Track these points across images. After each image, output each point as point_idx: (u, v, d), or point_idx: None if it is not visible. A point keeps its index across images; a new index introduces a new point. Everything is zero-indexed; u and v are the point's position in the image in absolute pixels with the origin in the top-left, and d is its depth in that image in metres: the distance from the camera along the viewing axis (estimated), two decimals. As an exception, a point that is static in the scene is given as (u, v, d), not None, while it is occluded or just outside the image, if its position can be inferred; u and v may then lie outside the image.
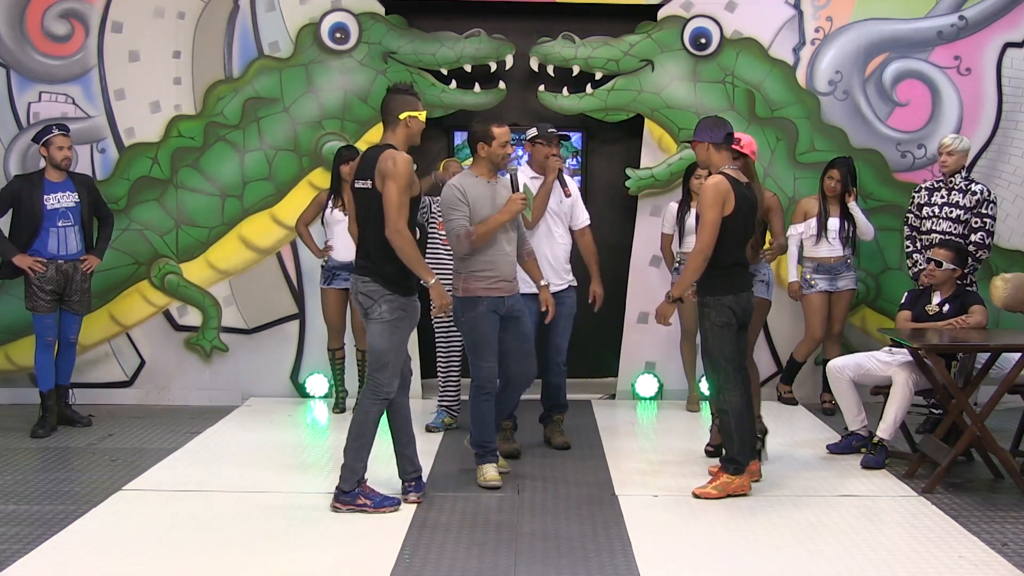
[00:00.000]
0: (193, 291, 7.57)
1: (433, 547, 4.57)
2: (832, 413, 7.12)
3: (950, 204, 6.72)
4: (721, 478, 5.29)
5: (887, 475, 5.70)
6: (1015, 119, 7.61)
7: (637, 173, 7.60)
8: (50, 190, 6.60)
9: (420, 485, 5.24)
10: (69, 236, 6.63)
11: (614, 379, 7.86)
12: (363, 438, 5.01)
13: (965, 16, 7.55)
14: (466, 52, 7.44)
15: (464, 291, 5.40)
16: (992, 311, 6.32)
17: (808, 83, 7.59)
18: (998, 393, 5.53)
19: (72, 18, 7.41)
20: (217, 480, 5.60)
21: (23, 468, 5.88)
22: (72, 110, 7.42)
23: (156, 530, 4.78)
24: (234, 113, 7.48)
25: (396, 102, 4.96)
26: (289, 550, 4.53)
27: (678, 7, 7.53)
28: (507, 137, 5.43)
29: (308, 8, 7.47)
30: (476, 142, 5.46)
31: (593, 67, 7.50)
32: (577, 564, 4.37)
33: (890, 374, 5.88)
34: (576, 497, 5.32)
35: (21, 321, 7.12)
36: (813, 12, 7.55)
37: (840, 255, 7.17)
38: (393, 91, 5.04)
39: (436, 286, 4.94)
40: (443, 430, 6.70)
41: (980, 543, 4.64)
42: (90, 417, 6.90)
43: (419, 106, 4.99)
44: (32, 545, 4.55)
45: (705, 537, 4.73)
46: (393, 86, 5.13)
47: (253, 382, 7.64)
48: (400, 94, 4.99)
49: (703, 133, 5.40)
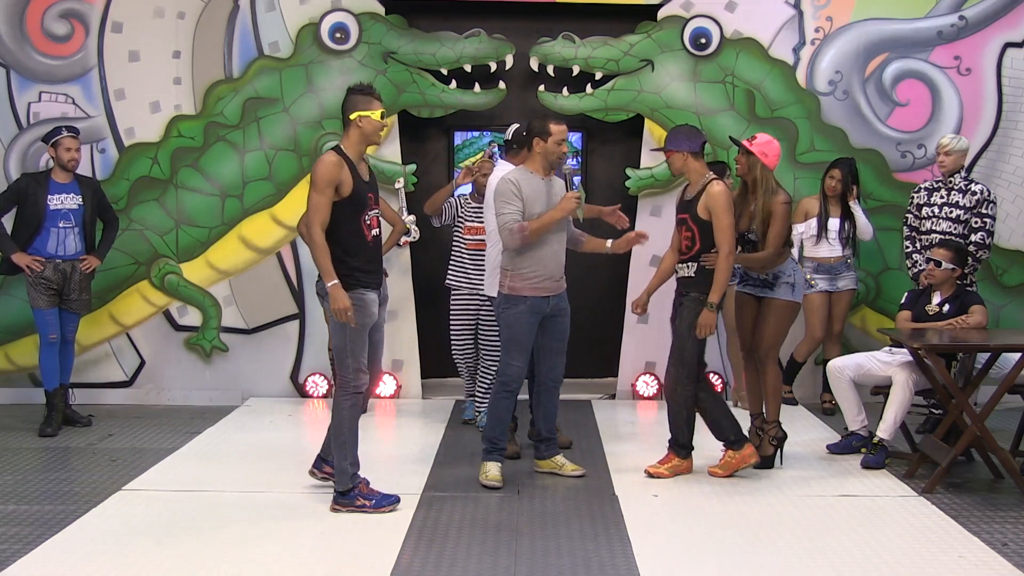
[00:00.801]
0: (193, 291, 7.57)
1: (433, 547, 4.57)
2: (832, 413, 7.12)
3: (950, 204, 6.72)
4: (672, 460, 5.66)
5: (887, 475, 5.70)
6: (1015, 119, 7.61)
7: (637, 173, 7.60)
8: (55, 191, 6.62)
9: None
10: (68, 237, 6.64)
11: (614, 379, 7.86)
12: (342, 436, 5.00)
13: (965, 16, 7.55)
14: (466, 52, 7.44)
15: (510, 289, 5.45)
16: (992, 311, 6.32)
17: (808, 83, 7.59)
18: (998, 393, 5.53)
19: (72, 18, 7.42)
20: (217, 480, 5.59)
21: (23, 468, 5.87)
22: (72, 110, 7.42)
23: (156, 530, 4.78)
24: (234, 113, 7.48)
25: (348, 103, 4.99)
26: (289, 550, 4.53)
27: (678, 7, 7.54)
28: (564, 135, 5.47)
29: (308, 8, 7.47)
30: (532, 138, 5.48)
31: (593, 67, 7.50)
32: (577, 564, 4.37)
33: (890, 374, 5.88)
34: (576, 497, 5.32)
35: (21, 321, 7.12)
36: (813, 12, 7.55)
37: (840, 255, 7.17)
38: (348, 91, 5.04)
39: (335, 288, 4.87)
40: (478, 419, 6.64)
41: (980, 543, 4.64)
42: (90, 417, 6.90)
43: (373, 104, 4.97)
44: (32, 545, 4.55)
45: (705, 537, 4.73)
46: (350, 86, 5.12)
47: (253, 382, 7.64)
48: (353, 94, 5.00)
49: (681, 142, 5.55)
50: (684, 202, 5.65)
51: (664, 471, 5.62)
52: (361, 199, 4.99)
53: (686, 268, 5.61)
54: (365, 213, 5.01)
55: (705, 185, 5.51)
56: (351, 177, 4.93)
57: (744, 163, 5.66)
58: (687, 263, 5.61)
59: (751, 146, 5.61)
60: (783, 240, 5.66)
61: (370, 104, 4.97)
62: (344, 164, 4.92)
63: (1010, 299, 7.65)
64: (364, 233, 5.00)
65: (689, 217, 5.58)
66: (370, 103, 4.97)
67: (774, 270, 5.68)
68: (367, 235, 5.02)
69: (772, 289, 5.71)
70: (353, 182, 4.94)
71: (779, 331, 5.78)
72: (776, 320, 5.72)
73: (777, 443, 5.83)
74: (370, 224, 5.04)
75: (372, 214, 5.06)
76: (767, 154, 5.61)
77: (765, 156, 5.60)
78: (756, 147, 5.60)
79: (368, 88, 5.04)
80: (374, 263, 5.12)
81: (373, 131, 5.02)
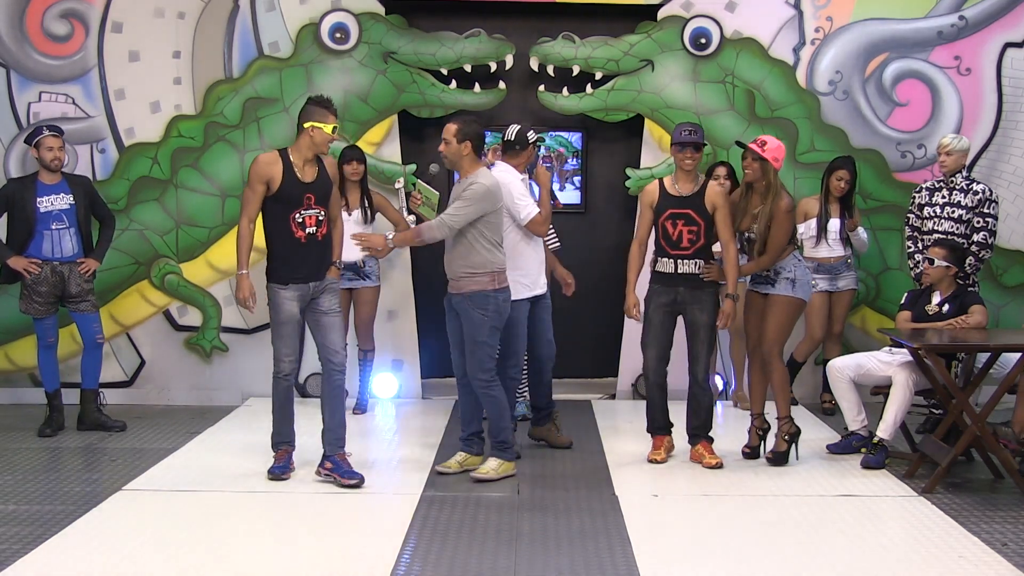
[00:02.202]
0: (193, 291, 7.57)
1: (433, 547, 4.57)
2: (832, 413, 7.12)
3: (951, 204, 6.71)
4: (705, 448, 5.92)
5: (887, 475, 5.70)
6: (1015, 119, 7.61)
7: (637, 173, 7.60)
8: (43, 192, 6.53)
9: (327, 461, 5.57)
10: (64, 238, 6.58)
11: (614, 379, 7.86)
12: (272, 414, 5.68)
13: (965, 16, 7.55)
14: (466, 52, 7.44)
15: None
16: (992, 311, 6.32)
17: (808, 83, 7.59)
18: (998, 393, 5.54)
19: (72, 18, 7.41)
20: (217, 480, 5.59)
21: (23, 468, 5.87)
22: (72, 110, 7.42)
23: (156, 530, 4.78)
24: (234, 113, 7.48)
25: (305, 111, 5.39)
26: (289, 550, 4.53)
27: (678, 7, 7.53)
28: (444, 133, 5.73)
29: (308, 8, 7.47)
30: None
31: (593, 67, 7.49)
32: (577, 564, 4.37)
33: (890, 374, 5.88)
34: (576, 497, 5.32)
35: (21, 321, 7.10)
36: (813, 12, 7.55)
37: (840, 255, 7.16)
38: (307, 100, 5.45)
39: (240, 277, 5.41)
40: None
41: (980, 543, 4.64)
42: (123, 423, 6.76)
43: (327, 118, 5.35)
44: (32, 545, 4.55)
45: (705, 537, 4.74)
46: (310, 96, 5.50)
47: (253, 382, 7.62)
48: (311, 104, 5.39)
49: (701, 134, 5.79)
50: (682, 198, 5.72)
51: (715, 461, 5.82)
52: (291, 198, 5.35)
53: (689, 264, 5.69)
54: (296, 212, 5.36)
55: (705, 182, 5.72)
56: (282, 176, 5.32)
57: (757, 168, 5.66)
58: (687, 259, 5.70)
59: (764, 153, 5.62)
60: (783, 246, 5.71)
61: (325, 117, 5.35)
62: (279, 163, 5.34)
63: (1010, 299, 7.64)
64: (292, 231, 5.36)
65: (694, 212, 5.67)
66: (325, 116, 5.35)
67: (774, 266, 5.74)
68: (295, 232, 5.37)
69: (773, 286, 5.76)
70: (283, 181, 5.32)
71: (779, 327, 5.80)
72: (776, 316, 5.76)
73: (790, 439, 5.89)
74: (302, 223, 5.37)
75: (308, 213, 5.39)
76: (778, 159, 5.68)
77: (776, 162, 5.66)
78: (769, 153, 5.63)
79: (326, 101, 5.42)
80: (302, 261, 5.41)
81: (322, 142, 5.39)
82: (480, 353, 5.51)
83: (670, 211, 5.73)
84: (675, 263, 5.73)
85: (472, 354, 5.53)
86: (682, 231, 5.69)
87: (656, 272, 5.83)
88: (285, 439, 5.66)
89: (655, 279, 5.85)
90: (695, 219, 5.68)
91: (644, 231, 5.87)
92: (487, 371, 5.53)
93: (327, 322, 5.49)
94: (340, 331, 5.56)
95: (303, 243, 5.37)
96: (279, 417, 5.64)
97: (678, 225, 5.70)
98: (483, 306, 5.48)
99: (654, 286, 5.85)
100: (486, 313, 5.48)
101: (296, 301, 5.43)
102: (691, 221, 5.68)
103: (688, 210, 5.68)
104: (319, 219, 5.41)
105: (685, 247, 5.69)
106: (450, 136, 5.50)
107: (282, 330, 5.46)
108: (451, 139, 5.50)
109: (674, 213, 5.71)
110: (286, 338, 5.48)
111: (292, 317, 5.45)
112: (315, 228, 5.40)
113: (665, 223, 5.74)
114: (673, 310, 5.82)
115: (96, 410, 6.77)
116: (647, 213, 5.83)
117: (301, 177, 5.36)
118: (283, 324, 5.45)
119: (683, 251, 5.69)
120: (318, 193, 5.41)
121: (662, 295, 5.80)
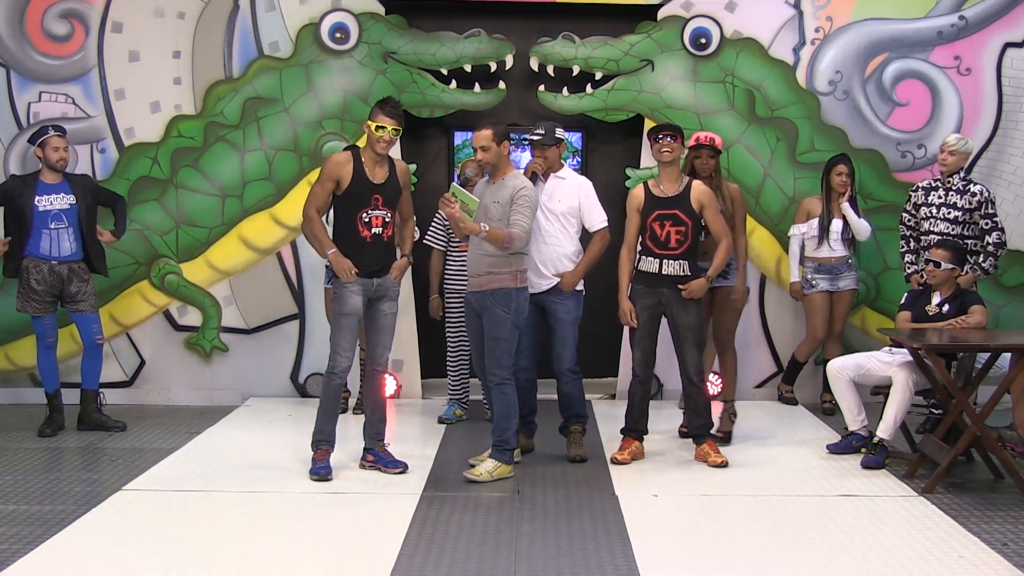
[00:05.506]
0: (193, 291, 7.57)
1: (433, 547, 4.57)
2: (832, 413, 7.12)
3: (947, 205, 6.70)
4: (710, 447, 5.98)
5: (887, 475, 5.70)
6: (1015, 119, 7.61)
7: (637, 173, 7.59)
8: (43, 191, 6.53)
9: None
10: (63, 238, 6.57)
11: (614, 379, 7.86)
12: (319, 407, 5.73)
13: (965, 16, 7.55)
14: (466, 52, 7.45)
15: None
16: (992, 311, 6.32)
17: (808, 83, 7.59)
18: (998, 393, 5.54)
19: (72, 18, 7.41)
20: (217, 480, 5.60)
21: (23, 468, 5.88)
22: (72, 110, 7.42)
23: (156, 530, 4.78)
24: (234, 113, 7.48)
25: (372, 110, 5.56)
26: (289, 550, 4.53)
27: (678, 7, 7.53)
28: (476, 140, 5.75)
29: (308, 8, 7.47)
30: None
31: (593, 67, 7.50)
32: (577, 564, 4.37)
33: (890, 374, 5.89)
34: (576, 497, 5.32)
35: (21, 321, 7.11)
36: (813, 12, 7.55)
37: (841, 255, 7.17)
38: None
39: (334, 255, 5.46)
40: (454, 422, 6.88)
41: (980, 543, 4.65)
42: (123, 423, 6.78)
43: (378, 116, 5.44)
44: (32, 545, 4.55)
45: (705, 537, 4.73)
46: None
47: (253, 382, 7.64)
48: (376, 104, 5.54)
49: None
50: (667, 199, 5.79)
51: (720, 459, 5.85)
52: (358, 197, 5.46)
53: (674, 265, 5.73)
54: (364, 211, 5.47)
55: (689, 181, 5.85)
56: (352, 176, 5.44)
57: (715, 162, 6.12)
58: (674, 260, 5.78)
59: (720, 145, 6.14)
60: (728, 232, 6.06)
61: (376, 115, 5.45)
62: (350, 163, 5.46)
63: (1010, 299, 7.65)
64: (359, 229, 5.48)
65: (681, 212, 5.75)
66: (376, 114, 5.45)
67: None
68: (361, 231, 5.48)
69: (726, 278, 6.21)
70: (353, 181, 5.45)
71: (735, 316, 6.36)
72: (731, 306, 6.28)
73: (734, 418, 6.45)
74: (369, 223, 5.48)
75: (375, 214, 5.47)
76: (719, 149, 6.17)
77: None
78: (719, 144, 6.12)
79: (383, 101, 5.52)
80: (365, 259, 5.49)
81: (371, 139, 5.47)
82: (499, 350, 5.58)
83: (657, 212, 5.78)
84: (660, 263, 5.78)
85: (491, 351, 5.60)
86: (670, 232, 5.76)
87: (639, 272, 5.88)
88: (327, 438, 5.66)
89: (638, 279, 5.89)
90: (683, 219, 5.75)
91: (632, 235, 5.93)
92: (504, 368, 5.60)
93: (384, 324, 5.65)
94: (391, 334, 5.71)
95: (368, 242, 5.49)
96: (325, 416, 5.63)
97: (666, 226, 5.76)
98: (506, 304, 5.56)
99: (637, 287, 5.89)
100: (508, 311, 5.56)
101: (360, 295, 5.52)
102: (679, 221, 5.75)
103: (675, 210, 5.75)
104: (385, 220, 5.52)
105: (673, 247, 5.76)
106: (487, 142, 5.54)
107: (344, 322, 5.51)
108: (490, 144, 5.55)
109: (661, 214, 5.77)
110: (346, 331, 5.52)
111: (356, 310, 5.52)
112: (381, 229, 5.52)
113: (653, 224, 5.79)
114: (657, 312, 5.87)
115: (96, 411, 6.78)
116: (634, 217, 5.88)
117: (371, 178, 5.47)
118: (346, 316, 5.49)
119: (671, 251, 5.76)
120: (386, 194, 5.51)
121: (646, 296, 5.85)
